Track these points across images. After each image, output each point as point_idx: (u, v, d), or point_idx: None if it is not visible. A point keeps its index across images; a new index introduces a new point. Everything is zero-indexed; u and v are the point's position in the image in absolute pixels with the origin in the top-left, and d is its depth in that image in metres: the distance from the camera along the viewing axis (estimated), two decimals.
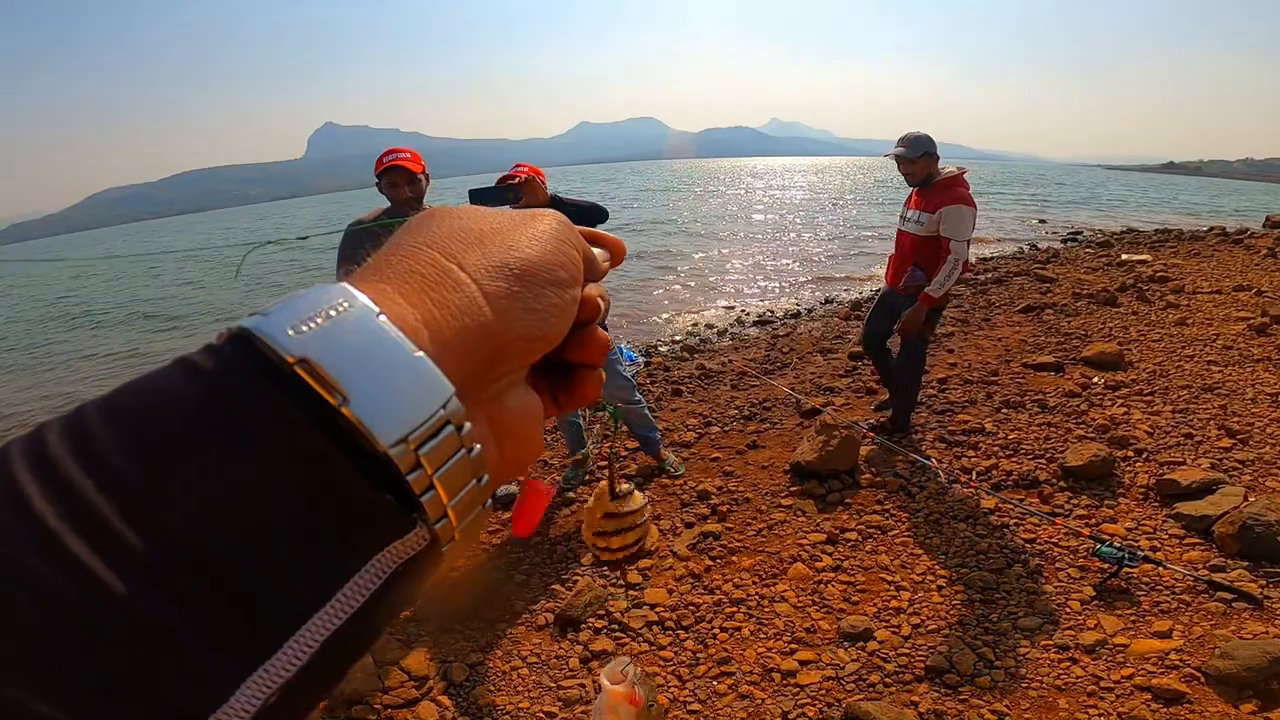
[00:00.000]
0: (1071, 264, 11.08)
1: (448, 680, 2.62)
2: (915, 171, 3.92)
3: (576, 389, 0.34)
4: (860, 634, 2.63)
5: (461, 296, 0.26)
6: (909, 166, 3.92)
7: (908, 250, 4.02)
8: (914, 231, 3.94)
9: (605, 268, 0.35)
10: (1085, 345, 5.88)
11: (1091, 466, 3.51)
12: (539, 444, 0.31)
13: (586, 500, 3.92)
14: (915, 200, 3.99)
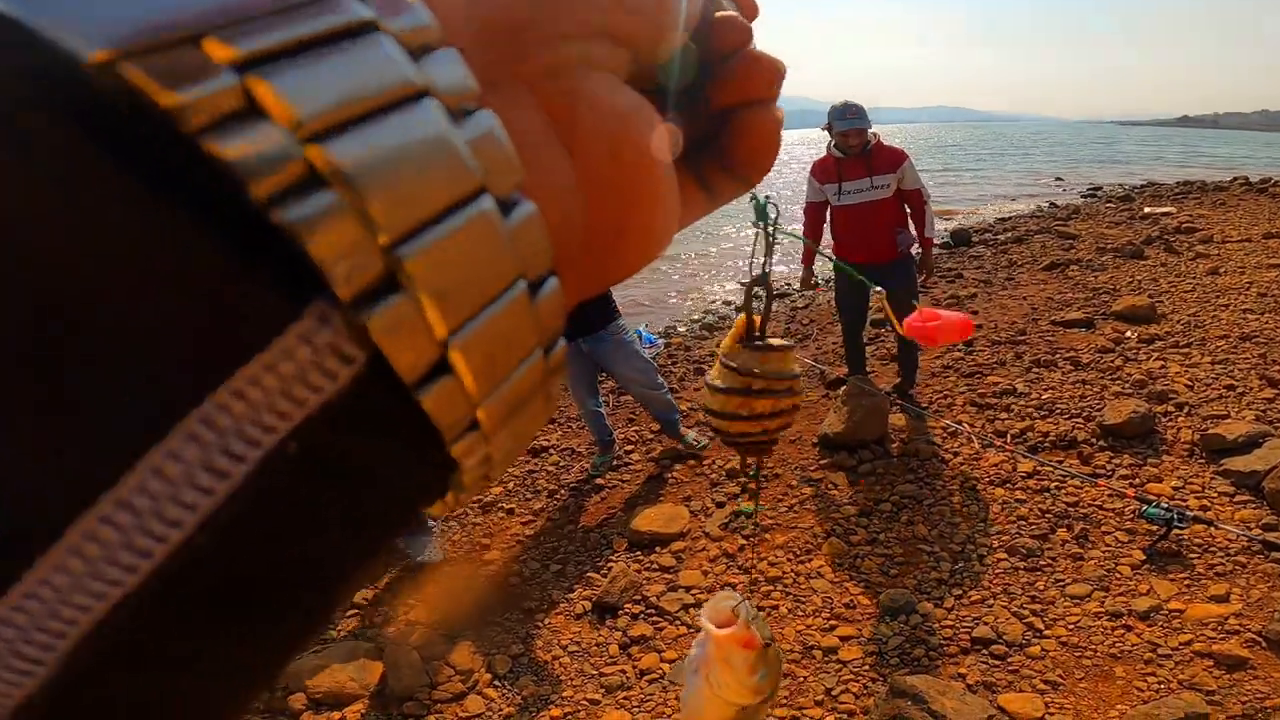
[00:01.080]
0: (1093, 219, 10.82)
1: (492, 673, 2.63)
2: (863, 140, 3.84)
3: (740, 144, 0.23)
4: (902, 607, 2.59)
5: None
6: (860, 137, 3.82)
7: (884, 216, 3.90)
8: (880, 196, 3.86)
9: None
10: (1115, 300, 5.74)
11: (1131, 424, 3.42)
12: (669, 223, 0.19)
13: (615, 487, 3.92)
14: (854, 169, 3.86)
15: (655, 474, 3.98)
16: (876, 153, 3.82)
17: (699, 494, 3.70)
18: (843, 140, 3.85)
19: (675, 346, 6.82)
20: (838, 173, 3.91)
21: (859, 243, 4.01)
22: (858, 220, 3.95)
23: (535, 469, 4.43)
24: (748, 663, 0.64)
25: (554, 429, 5.04)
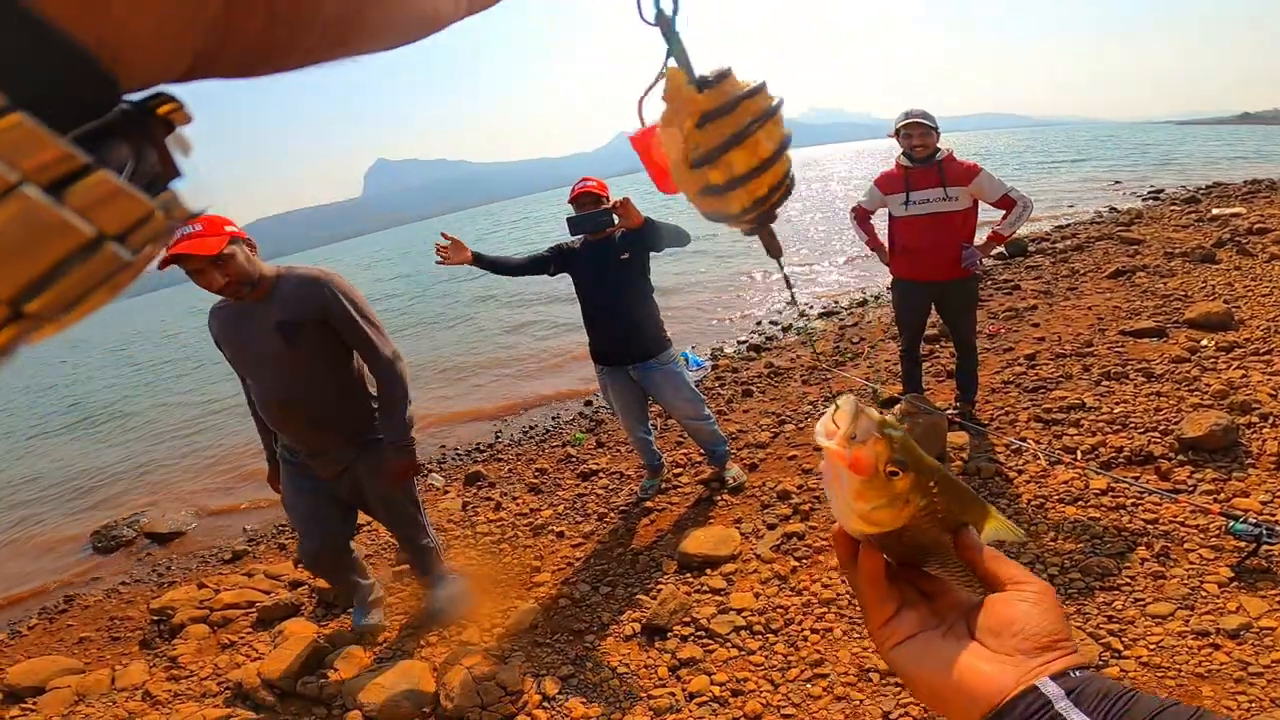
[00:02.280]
0: (1158, 223, 10.35)
1: (541, 694, 2.61)
2: (929, 144, 3.70)
3: None
4: None
5: None
6: (925, 139, 3.69)
7: (951, 228, 3.74)
8: (951, 209, 3.70)
9: None
10: (1187, 306, 5.45)
11: (1212, 436, 3.21)
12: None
13: (664, 510, 3.88)
14: (924, 179, 3.72)
15: (704, 497, 3.93)
16: (949, 164, 3.69)
17: (749, 516, 3.63)
18: (906, 141, 3.74)
19: (723, 369, 6.77)
20: (905, 182, 3.79)
21: (922, 257, 3.86)
22: (923, 231, 3.80)
23: (585, 493, 4.43)
24: (854, 489, 0.49)
25: (603, 453, 5.06)
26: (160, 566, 5.00)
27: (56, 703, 3.16)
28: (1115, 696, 0.40)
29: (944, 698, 0.45)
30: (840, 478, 0.49)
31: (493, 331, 11.98)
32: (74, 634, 4.03)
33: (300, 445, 2.65)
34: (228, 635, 3.55)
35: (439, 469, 5.63)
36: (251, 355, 2.47)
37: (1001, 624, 0.45)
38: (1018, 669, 0.43)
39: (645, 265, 3.48)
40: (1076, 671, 0.43)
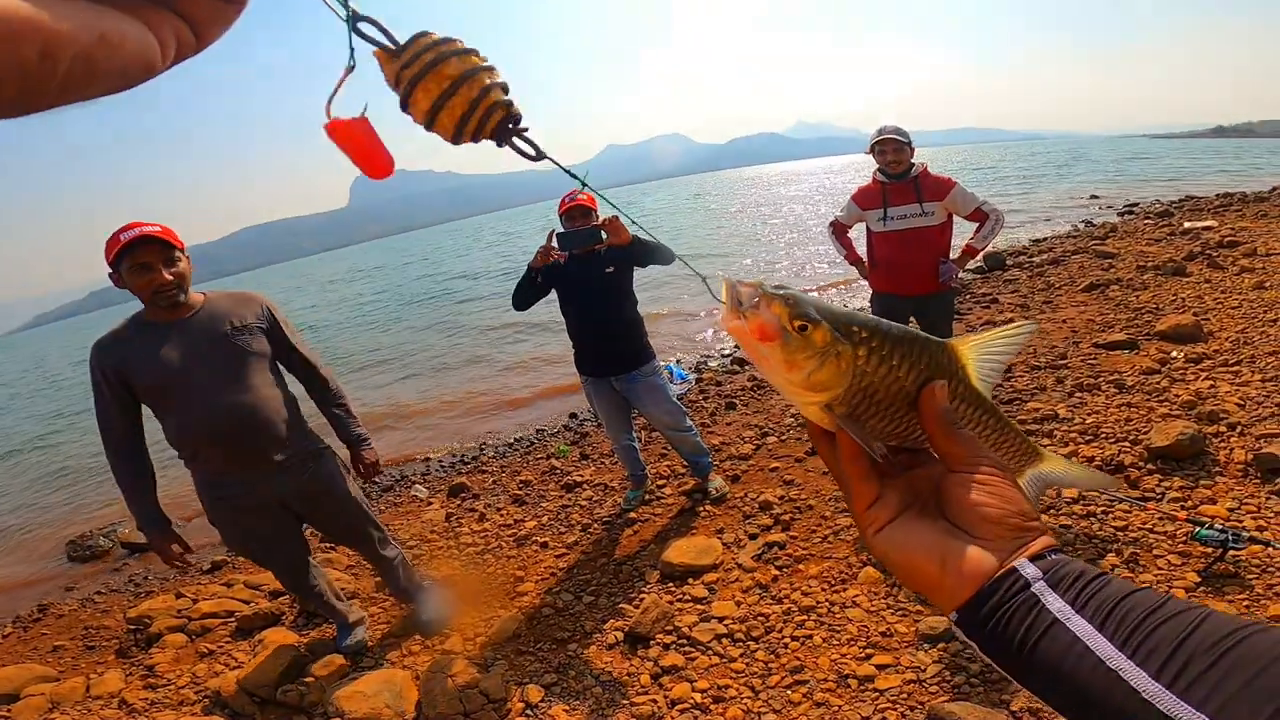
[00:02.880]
0: (1132, 237, 10.59)
1: (525, 701, 2.62)
2: (903, 160, 3.81)
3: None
4: (941, 635, 2.51)
5: None
6: (899, 154, 3.79)
7: (928, 243, 3.83)
8: (928, 223, 3.80)
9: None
10: (1158, 319, 5.58)
11: (1180, 445, 3.30)
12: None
13: (647, 520, 3.90)
14: (901, 194, 3.82)
15: (687, 508, 3.96)
16: (924, 180, 3.79)
17: (731, 526, 3.67)
18: (881, 158, 3.84)
19: (707, 381, 6.82)
20: (883, 197, 3.87)
21: (900, 272, 3.94)
22: (901, 246, 3.88)
23: (569, 504, 4.45)
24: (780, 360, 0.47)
25: (587, 465, 5.07)
26: (137, 577, 4.92)
27: (30, 710, 3.11)
28: (1090, 577, 0.41)
29: (929, 582, 0.46)
30: (763, 355, 0.48)
31: (475, 341, 11.98)
32: (48, 643, 3.96)
33: (249, 464, 2.46)
34: (206, 644, 3.51)
35: (423, 480, 5.61)
36: (190, 368, 2.32)
37: (967, 510, 0.46)
38: (998, 553, 0.44)
39: (629, 278, 3.53)
40: (1053, 554, 0.44)
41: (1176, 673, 0.34)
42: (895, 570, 0.48)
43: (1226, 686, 0.32)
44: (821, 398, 0.49)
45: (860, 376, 0.48)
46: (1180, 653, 0.35)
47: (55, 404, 15.53)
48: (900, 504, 0.50)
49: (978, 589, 0.43)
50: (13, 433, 12.35)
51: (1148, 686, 0.34)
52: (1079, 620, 0.39)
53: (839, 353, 0.47)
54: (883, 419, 0.51)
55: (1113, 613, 0.39)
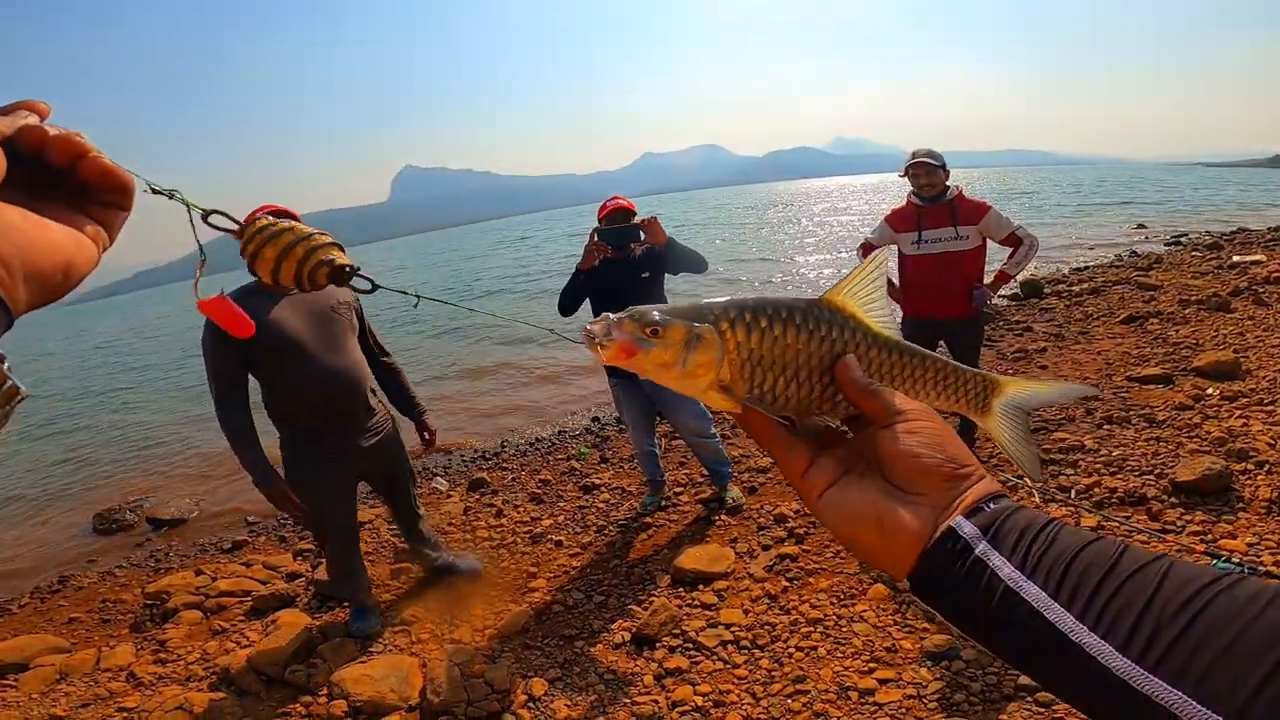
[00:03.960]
0: (1177, 269, 10.34)
1: (528, 694, 2.66)
2: (936, 183, 3.78)
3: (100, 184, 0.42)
4: (944, 652, 2.50)
5: None
6: (932, 177, 3.77)
7: (961, 267, 3.79)
8: (961, 248, 3.77)
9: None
10: (1196, 355, 5.46)
11: (1205, 480, 3.24)
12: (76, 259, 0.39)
13: (662, 526, 3.93)
14: (936, 218, 3.79)
15: (703, 516, 3.98)
16: (960, 203, 3.77)
17: (745, 537, 3.68)
18: (915, 181, 3.83)
19: None
20: (917, 221, 3.84)
21: (932, 295, 3.90)
22: (935, 270, 3.84)
23: (586, 505, 4.49)
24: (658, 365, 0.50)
25: (606, 469, 5.12)
26: (159, 552, 5.07)
27: (37, 680, 3.18)
28: (1035, 531, 0.39)
29: (872, 550, 0.44)
30: (643, 368, 0.50)
31: (501, 340, 12.11)
32: (64, 614, 4.07)
33: (343, 422, 2.82)
34: (220, 622, 3.60)
35: (444, 473, 5.70)
36: (304, 332, 2.65)
37: (898, 462, 0.44)
38: (933, 510, 0.42)
39: (662, 286, 3.64)
40: (990, 503, 0.42)
41: (1146, 644, 0.32)
42: (840, 538, 0.46)
43: (1201, 657, 0.30)
44: (708, 379, 0.50)
45: (739, 350, 0.51)
46: (1146, 619, 0.33)
47: (79, 380, 16.05)
48: (839, 467, 0.48)
49: (919, 554, 0.41)
50: (51, 406, 12.80)
51: (1118, 663, 0.32)
52: (1032, 587, 0.37)
53: (700, 335, 0.50)
54: (797, 386, 0.51)
55: (1066, 575, 0.36)
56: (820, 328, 0.52)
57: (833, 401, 0.52)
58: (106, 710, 2.88)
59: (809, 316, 0.52)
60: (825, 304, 0.53)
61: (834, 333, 0.52)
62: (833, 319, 0.52)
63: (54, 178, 0.40)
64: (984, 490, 0.43)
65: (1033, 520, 0.40)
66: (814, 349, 0.51)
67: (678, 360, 0.50)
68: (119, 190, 0.42)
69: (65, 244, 0.38)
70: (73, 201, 0.41)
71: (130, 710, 2.85)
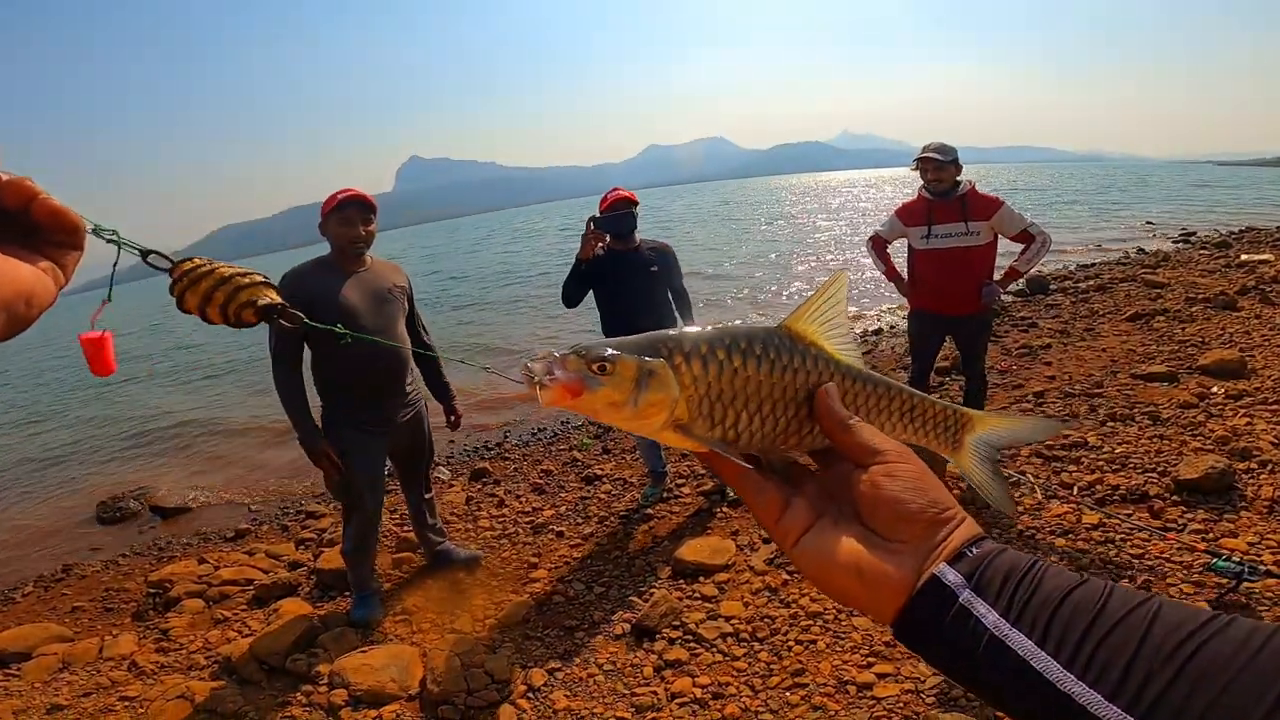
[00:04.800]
0: (1185, 267, 10.30)
1: (527, 684, 2.67)
2: (945, 178, 3.74)
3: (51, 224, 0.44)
4: None
5: None
6: (940, 173, 3.73)
7: (971, 263, 3.76)
8: (972, 243, 3.73)
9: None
10: (1202, 353, 5.44)
11: (1208, 479, 3.23)
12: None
13: (664, 517, 3.94)
14: (946, 213, 3.75)
15: (704, 508, 3.99)
16: (971, 198, 3.73)
17: (746, 529, 3.68)
18: (923, 174, 3.80)
19: None
20: (927, 215, 3.81)
21: (942, 290, 3.87)
22: (944, 265, 3.81)
23: (588, 496, 4.50)
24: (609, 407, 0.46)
25: (608, 460, 5.13)
26: (162, 541, 5.09)
27: (40, 669, 3.19)
28: (1019, 576, 0.38)
29: (852, 598, 0.43)
30: (591, 409, 0.47)
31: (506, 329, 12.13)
32: (67, 603, 4.08)
33: (387, 396, 3.04)
34: (222, 611, 3.62)
35: (446, 463, 5.72)
36: (364, 310, 2.88)
37: (878, 507, 0.43)
38: (915, 557, 0.41)
39: (665, 283, 3.67)
40: (972, 549, 0.41)
41: (1136, 692, 0.31)
42: (819, 586, 0.44)
43: (1194, 706, 0.29)
44: (662, 418, 0.47)
45: (696, 385, 0.48)
46: (1135, 668, 0.32)
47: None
48: (814, 510, 0.46)
49: (902, 604, 0.40)
50: (51, 394, 12.87)
51: (1107, 712, 0.31)
52: (1017, 636, 0.36)
53: (652, 371, 0.46)
54: (760, 421, 0.49)
55: (1052, 622, 0.35)
56: (783, 358, 0.49)
57: (799, 435, 0.50)
58: (108, 700, 2.89)
59: (769, 346, 0.49)
60: (786, 332, 0.51)
61: (796, 362, 0.49)
62: (794, 348, 0.50)
63: (8, 220, 0.42)
64: (966, 534, 0.42)
65: (1016, 563, 0.39)
66: (777, 380, 0.49)
67: (628, 399, 0.46)
68: (69, 231, 0.45)
69: (30, 279, 0.41)
70: (26, 242, 0.43)
71: (132, 700, 2.86)
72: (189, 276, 1.18)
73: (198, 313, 1.21)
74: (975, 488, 0.54)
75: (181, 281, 1.18)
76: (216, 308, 1.20)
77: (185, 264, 1.19)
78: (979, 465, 0.55)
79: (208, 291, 1.19)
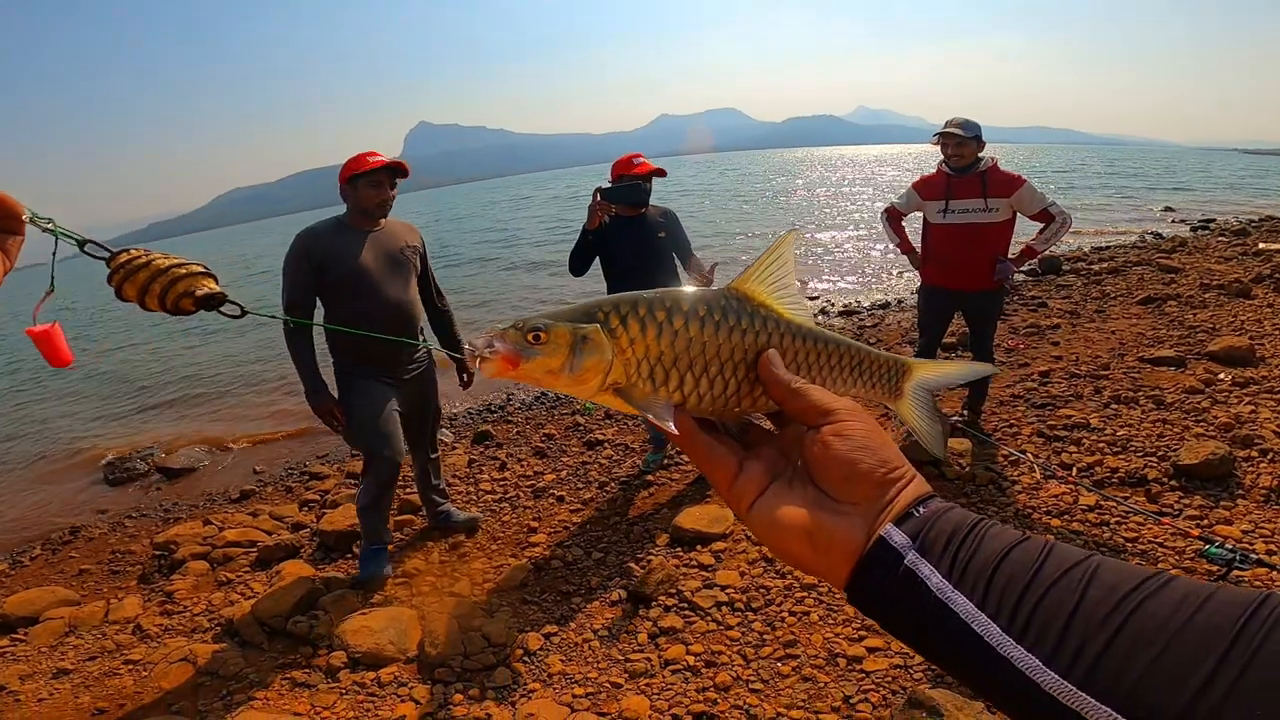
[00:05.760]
0: (1201, 253, 10.17)
1: (523, 648, 2.72)
2: (965, 154, 3.70)
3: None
4: None
5: None
6: (961, 148, 3.69)
7: (987, 240, 3.73)
8: (990, 220, 3.70)
9: None
10: (1212, 339, 5.40)
11: (1207, 465, 3.23)
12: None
13: (664, 484, 3.97)
14: (966, 188, 3.71)
15: (703, 476, 4.01)
16: (992, 175, 3.69)
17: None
18: (942, 149, 3.77)
19: None
20: (946, 189, 3.77)
21: (955, 265, 3.85)
22: (960, 241, 3.78)
23: (589, 461, 4.54)
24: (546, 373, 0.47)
25: (610, 425, 5.15)
26: (168, 502, 5.15)
27: (47, 634, 3.23)
28: (962, 535, 0.38)
29: (805, 563, 0.42)
30: (531, 376, 0.47)
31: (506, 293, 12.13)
32: (74, 566, 4.13)
33: (398, 350, 3.10)
34: (226, 573, 3.67)
35: (449, 425, 5.77)
36: (376, 269, 2.99)
37: (828, 468, 0.42)
38: (865, 518, 0.41)
39: (671, 247, 3.65)
40: (919, 508, 0.40)
41: (1073, 657, 0.31)
42: (772, 551, 0.44)
43: (1130, 670, 0.29)
44: (596, 381, 0.48)
45: (634, 347, 0.48)
46: (1072, 630, 0.32)
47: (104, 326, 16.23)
48: (767, 473, 0.46)
49: (852, 567, 0.40)
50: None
51: (1045, 678, 0.31)
52: (960, 599, 0.36)
53: (586, 336, 0.47)
54: (709, 384, 0.49)
55: (992, 583, 0.35)
56: (728, 319, 0.49)
57: (751, 398, 0.50)
58: (113, 663, 2.94)
59: (714, 308, 0.49)
60: (734, 293, 0.51)
61: (744, 323, 0.49)
62: (741, 309, 0.50)
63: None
64: (914, 493, 0.41)
65: (961, 522, 0.39)
66: (723, 342, 0.48)
67: (564, 365, 0.47)
68: (8, 216, 0.47)
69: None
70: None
71: (136, 663, 2.92)
72: (125, 269, 1.21)
73: (137, 302, 1.25)
74: (914, 433, 0.55)
75: (118, 273, 1.21)
76: (155, 298, 1.25)
77: (122, 255, 1.22)
78: (918, 410, 0.56)
79: (145, 283, 1.23)
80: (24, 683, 2.85)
